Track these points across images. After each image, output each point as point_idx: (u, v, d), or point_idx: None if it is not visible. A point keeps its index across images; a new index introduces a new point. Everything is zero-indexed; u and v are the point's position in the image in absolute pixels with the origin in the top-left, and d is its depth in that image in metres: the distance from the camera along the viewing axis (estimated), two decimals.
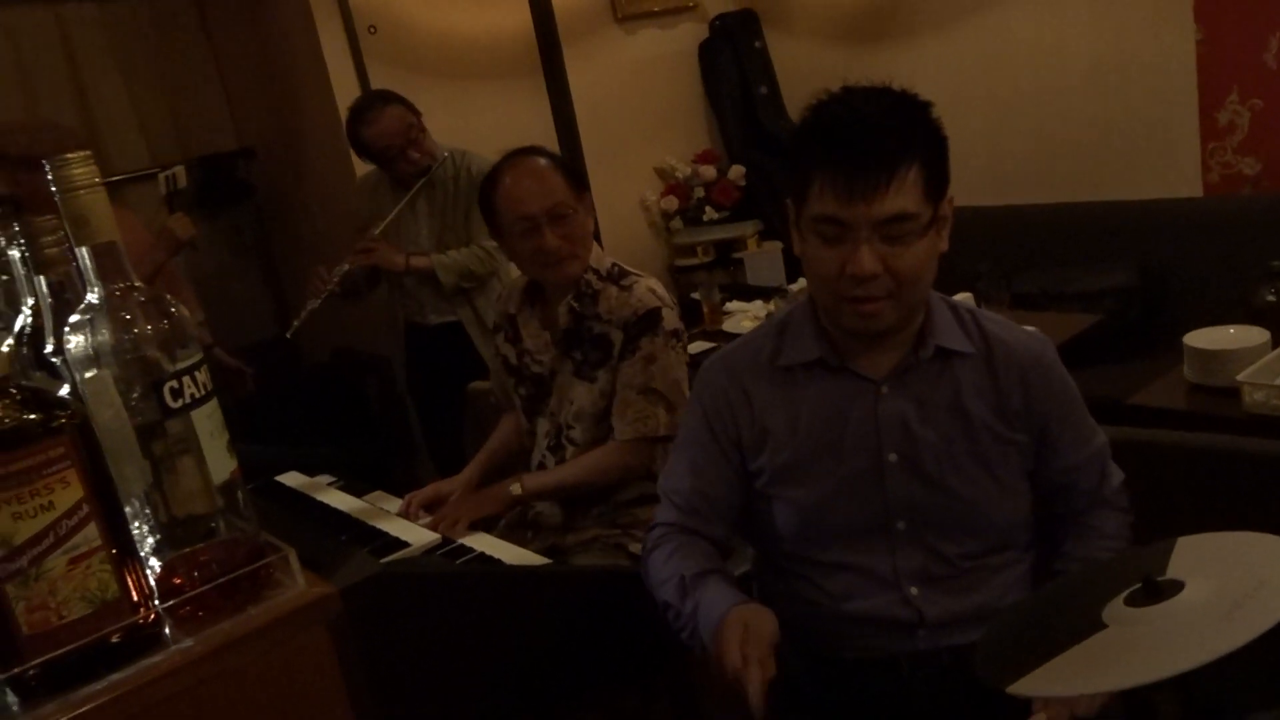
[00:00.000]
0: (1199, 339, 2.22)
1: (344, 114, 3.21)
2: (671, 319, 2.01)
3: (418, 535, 1.95)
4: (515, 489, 2.01)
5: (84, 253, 0.83)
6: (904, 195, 1.21)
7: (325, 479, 2.34)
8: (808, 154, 1.27)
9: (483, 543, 1.93)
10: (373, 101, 3.01)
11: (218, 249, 4.12)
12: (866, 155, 1.21)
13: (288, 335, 3.07)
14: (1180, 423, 1.90)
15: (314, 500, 2.15)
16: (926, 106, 1.28)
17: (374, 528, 2.00)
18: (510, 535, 2.11)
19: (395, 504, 2.17)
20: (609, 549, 2.01)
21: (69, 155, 0.81)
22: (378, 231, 2.99)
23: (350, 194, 3.38)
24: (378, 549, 1.87)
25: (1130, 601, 0.87)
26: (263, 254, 4.32)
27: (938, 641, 1.35)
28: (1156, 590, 0.86)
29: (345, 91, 3.50)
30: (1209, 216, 3.12)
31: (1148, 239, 3.16)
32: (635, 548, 2.01)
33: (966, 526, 1.35)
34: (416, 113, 3.00)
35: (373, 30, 3.63)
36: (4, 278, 1.24)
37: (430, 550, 1.91)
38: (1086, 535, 1.39)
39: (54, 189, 0.81)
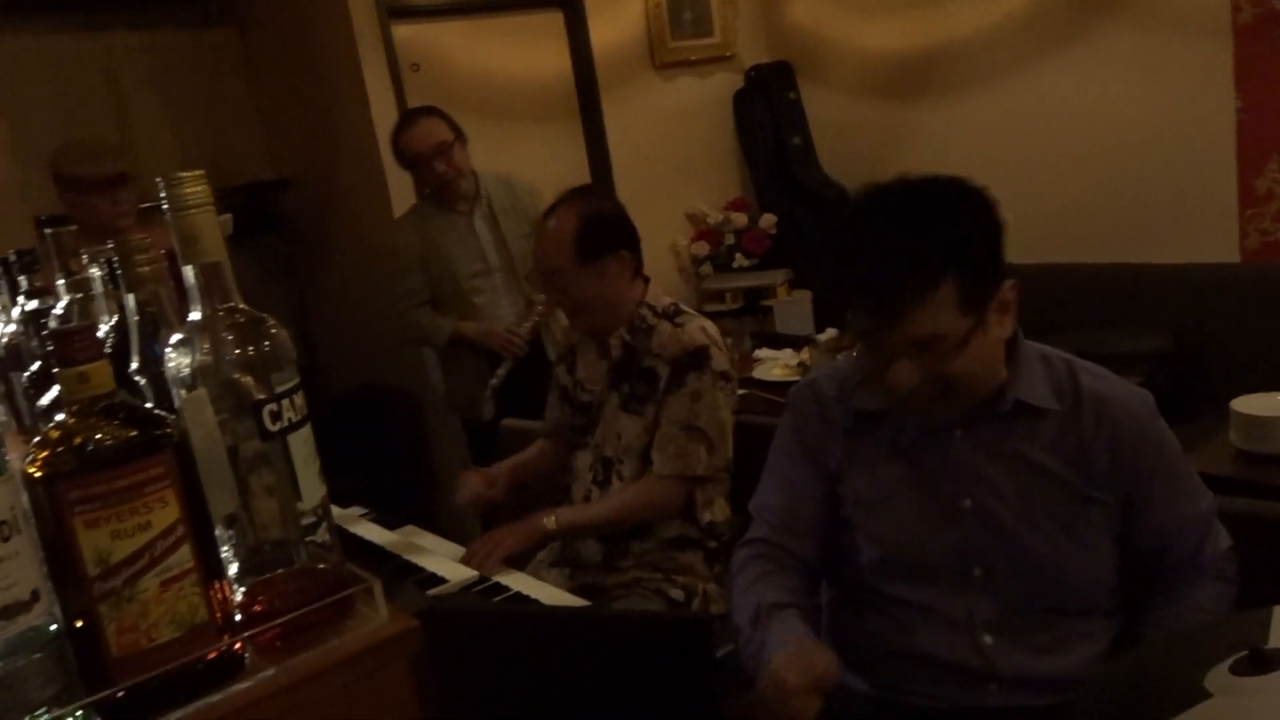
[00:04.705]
0: (1247, 405, 2.19)
1: (384, 149, 3.24)
2: (721, 360, 2.00)
3: (454, 571, 1.94)
4: (549, 523, 2.00)
5: (190, 271, 0.82)
6: (931, 318, 1.20)
7: (357, 510, 2.33)
8: (834, 281, 1.27)
9: (518, 581, 1.91)
10: (417, 112, 3.12)
11: (246, 277, 4.09)
12: (882, 289, 1.20)
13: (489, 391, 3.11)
14: (1226, 488, 1.87)
15: (349, 532, 2.13)
16: (959, 217, 1.23)
17: (410, 562, 1.98)
18: (549, 572, 2.09)
19: (426, 538, 2.16)
20: (649, 594, 1.98)
21: (183, 174, 0.80)
22: (530, 323, 3.09)
23: (390, 230, 3.37)
24: (417, 584, 1.86)
25: (1236, 670, 0.84)
26: (290, 285, 4.33)
27: (1010, 700, 1.31)
28: (1264, 659, 0.84)
29: (385, 127, 3.52)
30: (1245, 283, 3.11)
31: (1183, 303, 3.14)
32: (676, 594, 1.98)
33: (1043, 583, 1.31)
34: (455, 129, 3.05)
35: (416, 68, 3.66)
36: (80, 295, 1.25)
37: (468, 587, 1.89)
38: (1179, 602, 1.32)
39: (165, 207, 0.81)
